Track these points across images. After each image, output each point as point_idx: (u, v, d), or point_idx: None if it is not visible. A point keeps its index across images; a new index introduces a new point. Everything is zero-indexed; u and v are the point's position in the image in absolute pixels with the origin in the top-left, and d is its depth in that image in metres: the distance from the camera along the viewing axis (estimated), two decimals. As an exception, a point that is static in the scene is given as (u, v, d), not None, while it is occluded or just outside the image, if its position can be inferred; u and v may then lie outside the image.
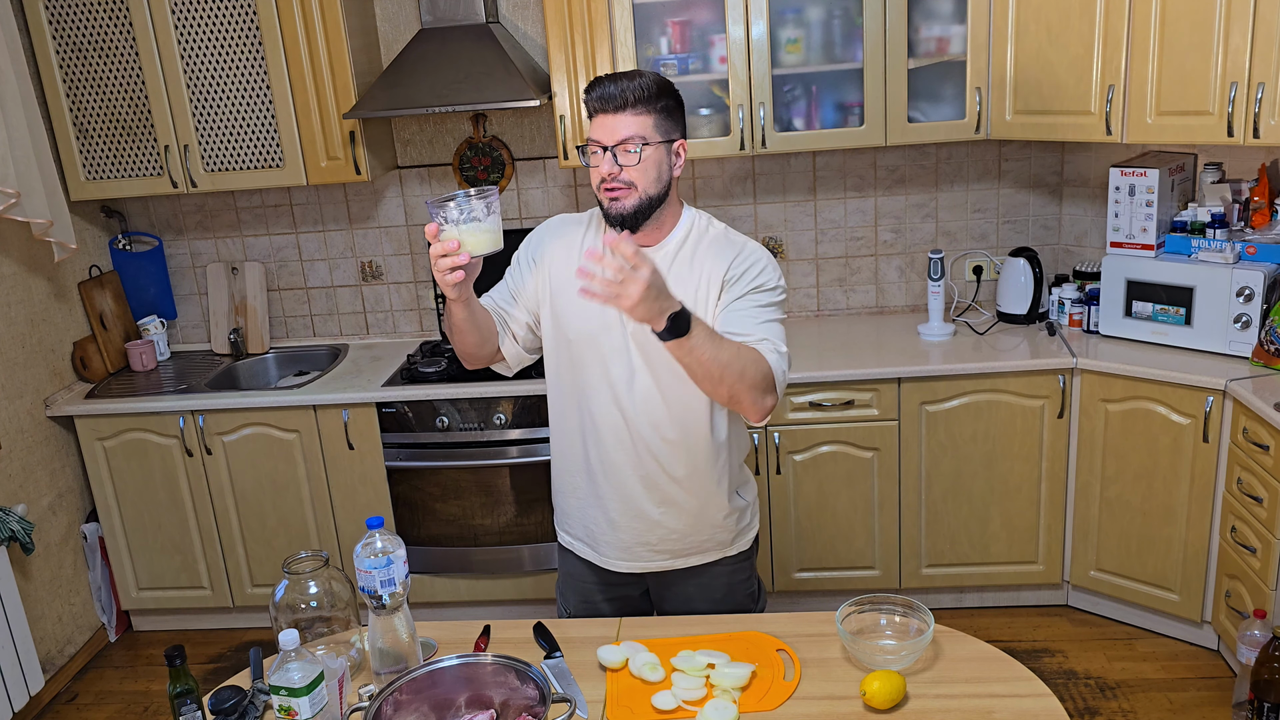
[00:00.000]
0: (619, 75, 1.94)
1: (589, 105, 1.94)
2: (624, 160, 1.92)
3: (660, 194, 1.97)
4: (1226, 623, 3.05)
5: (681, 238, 2.04)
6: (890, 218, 3.79)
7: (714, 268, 2.00)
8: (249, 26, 3.43)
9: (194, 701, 1.79)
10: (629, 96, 1.91)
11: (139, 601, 3.78)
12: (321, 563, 1.92)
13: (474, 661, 1.79)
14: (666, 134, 1.95)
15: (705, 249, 2.02)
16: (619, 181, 1.93)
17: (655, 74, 1.97)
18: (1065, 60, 3.15)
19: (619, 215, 1.95)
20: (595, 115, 1.94)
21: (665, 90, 1.95)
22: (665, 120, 1.95)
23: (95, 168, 3.64)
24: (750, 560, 2.25)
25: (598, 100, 1.93)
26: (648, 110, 1.92)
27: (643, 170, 1.93)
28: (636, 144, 1.91)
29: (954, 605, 3.59)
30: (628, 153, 1.91)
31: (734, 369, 1.81)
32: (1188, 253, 3.21)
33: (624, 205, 1.94)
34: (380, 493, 3.56)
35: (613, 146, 1.92)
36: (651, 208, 1.97)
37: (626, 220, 1.95)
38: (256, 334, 3.98)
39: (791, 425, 3.36)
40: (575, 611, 2.28)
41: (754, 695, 1.80)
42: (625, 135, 1.91)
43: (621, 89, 1.91)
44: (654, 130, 1.93)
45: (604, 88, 1.92)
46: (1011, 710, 1.73)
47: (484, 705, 1.77)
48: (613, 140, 1.92)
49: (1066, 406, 3.27)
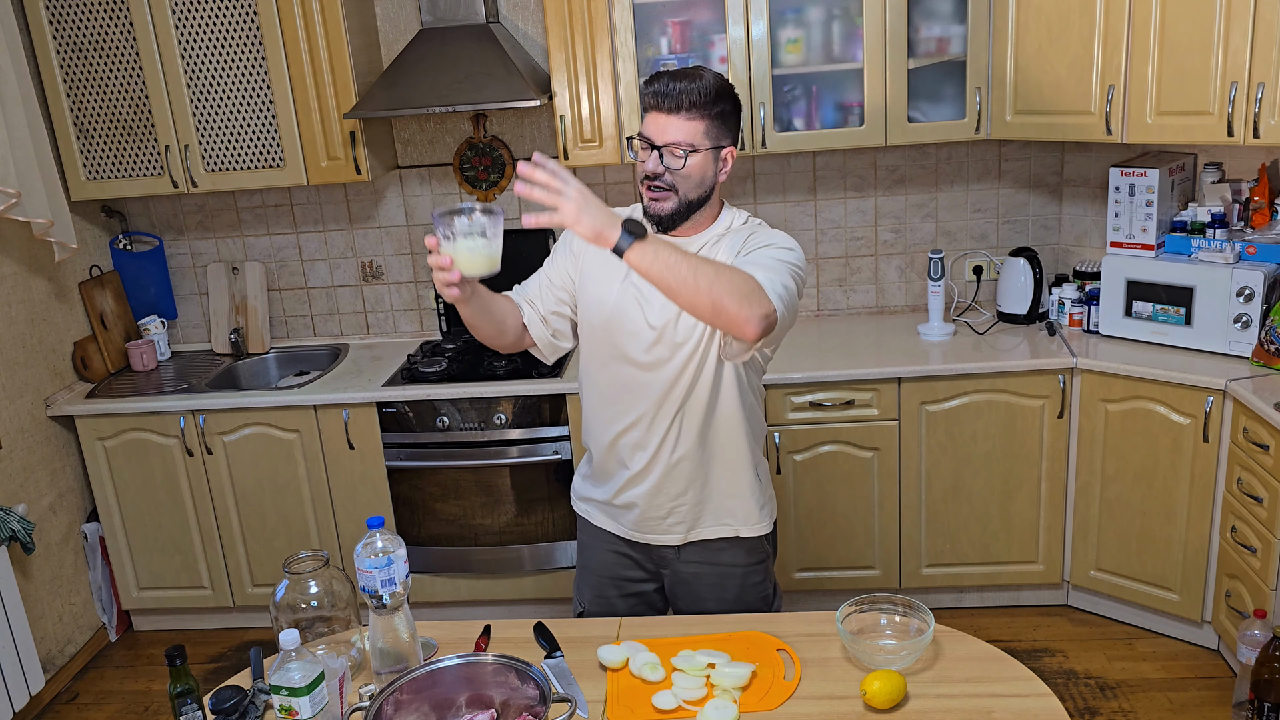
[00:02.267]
0: (681, 73, 1.92)
1: (644, 99, 1.94)
2: (670, 163, 1.91)
3: (701, 199, 1.97)
4: (1226, 622, 3.05)
5: (716, 235, 2.03)
6: (890, 218, 3.79)
7: (735, 247, 1.99)
8: (249, 26, 3.43)
9: (194, 701, 1.79)
10: (684, 99, 1.89)
11: (139, 601, 3.78)
12: (322, 562, 1.92)
13: (474, 661, 1.79)
14: (716, 141, 1.94)
15: (729, 239, 2.02)
16: (661, 183, 1.93)
17: (717, 76, 1.94)
18: (1065, 60, 3.15)
19: (656, 215, 1.96)
20: (649, 111, 1.93)
21: (723, 94, 1.94)
22: (718, 126, 1.94)
23: (96, 167, 3.64)
24: (766, 562, 2.24)
25: (654, 96, 1.91)
26: (702, 115, 1.91)
27: (686, 176, 1.92)
28: (684, 149, 1.90)
29: (954, 605, 3.59)
30: (675, 155, 1.91)
31: (706, 273, 1.72)
32: (1188, 253, 3.21)
33: (662, 207, 1.95)
34: (380, 492, 3.56)
35: (661, 147, 1.91)
36: (690, 211, 1.97)
37: (664, 221, 1.96)
38: (257, 334, 3.99)
39: (791, 425, 3.36)
40: (590, 608, 2.29)
41: (754, 695, 1.80)
42: (674, 139, 1.90)
43: (680, 89, 1.89)
44: (704, 137, 1.92)
45: (662, 84, 1.91)
46: (1011, 710, 1.73)
47: (484, 705, 1.77)
48: (662, 140, 1.91)
49: (1066, 406, 3.27)
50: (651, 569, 2.24)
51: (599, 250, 1.95)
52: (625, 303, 2.03)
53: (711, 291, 1.72)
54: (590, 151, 3.45)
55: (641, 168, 1.95)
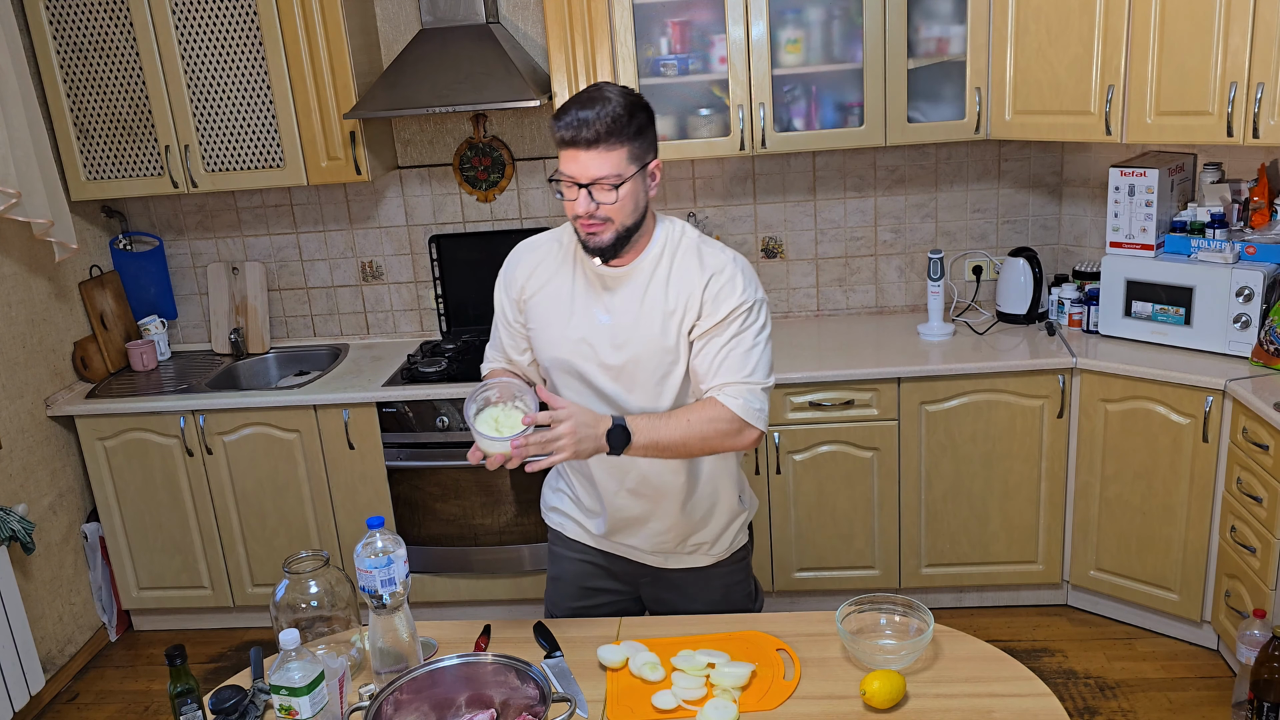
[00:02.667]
0: (586, 99, 1.82)
1: (557, 135, 1.83)
2: (601, 198, 1.83)
3: (638, 222, 1.91)
4: (1226, 622, 3.05)
5: (656, 255, 1.96)
6: (890, 218, 3.79)
7: (688, 290, 1.93)
8: (249, 26, 3.43)
9: (194, 701, 1.79)
10: (600, 128, 1.79)
11: (139, 601, 3.78)
12: (322, 562, 1.92)
13: (474, 661, 1.79)
14: (641, 160, 1.86)
15: (679, 268, 1.95)
16: (596, 218, 1.85)
17: (622, 92, 1.85)
18: (1065, 60, 3.15)
19: (597, 248, 1.89)
20: (566, 148, 1.83)
21: (635, 109, 1.84)
22: (639, 145, 1.85)
23: (96, 168, 3.64)
24: (745, 562, 2.24)
25: (567, 131, 1.81)
26: (621, 141, 1.82)
27: (620, 206, 1.85)
28: (612, 182, 1.82)
29: (954, 605, 3.59)
30: (604, 190, 1.83)
31: (695, 437, 1.86)
32: (1187, 253, 3.21)
33: (602, 239, 1.88)
34: (380, 492, 3.56)
35: (588, 185, 1.83)
36: (629, 235, 1.90)
37: (605, 252, 1.90)
38: (257, 334, 3.99)
39: (791, 425, 3.36)
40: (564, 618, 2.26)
41: (754, 695, 1.81)
42: (600, 174, 1.82)
43: (592, 119, 1.79)
44: (629, 162, 1.84)
45: (572, 116, 1.80)
46: (1011, 710, 1.74)
47: (484, 705, 1.77)
48: (587, 178, 1.82)
49: (1066, 406, 3.28)
50: (628, 579, 2.22)
51: (545, 296, 2.01)
52: (576, 358, 2.00)
53: (704, 446, 1.89)
54: (590, 151, 3.44)
55: (571, 208, 1.86)
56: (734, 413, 1.89)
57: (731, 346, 1.92)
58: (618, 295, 1.96)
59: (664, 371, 1.97)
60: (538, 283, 2.03)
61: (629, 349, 1.95)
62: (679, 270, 1.95)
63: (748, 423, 1.90)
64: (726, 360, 1.92)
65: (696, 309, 1.93)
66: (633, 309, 1.95)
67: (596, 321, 1.97)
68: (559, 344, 2.01)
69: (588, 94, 1.84)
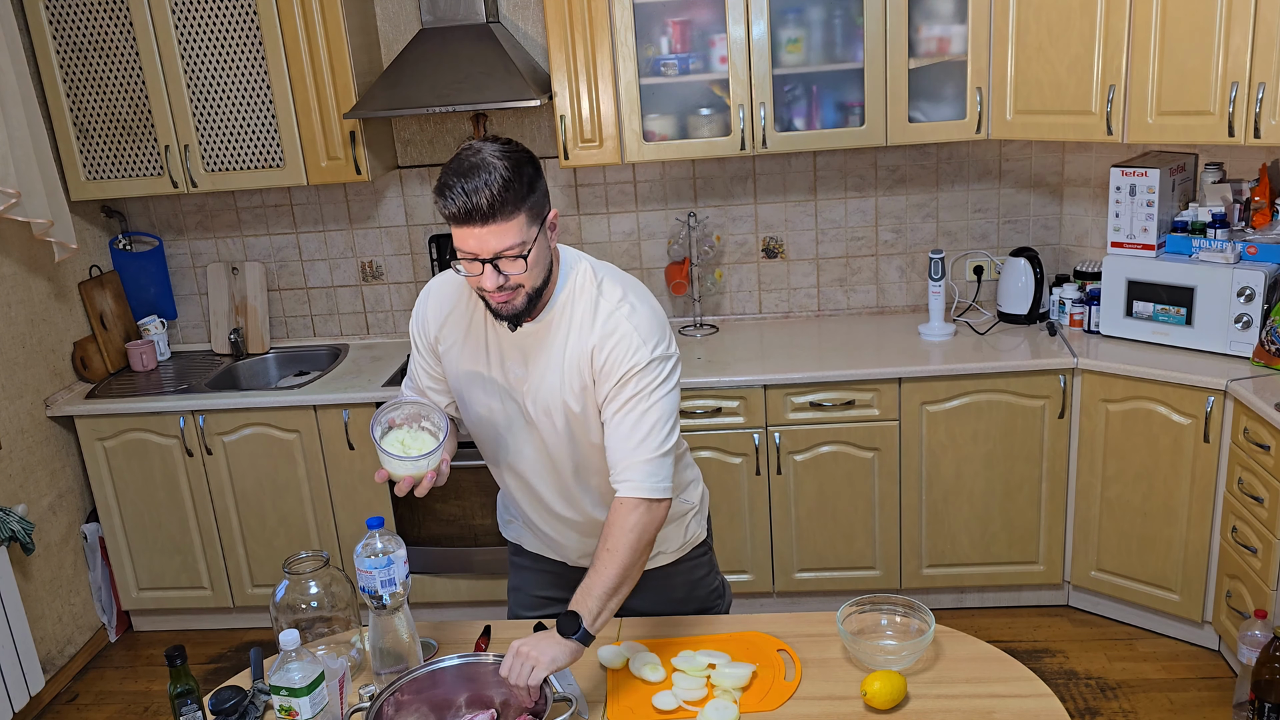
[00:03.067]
0: (468, 169, 1.68)
1: (446, 214, 1.70)
2: (508, 269, 1.71)
3: (548, 277, 1.81)
4: (1227, 623, 3.05)
5: (563, 303, 1.85)
6: (891, 218, 3.79)
7: (581, 349, 1.84)
8: (249, 26, 3.43)
9: (194, 701, 1.79)
10: (490, 203, 1.66)
11: (139, 601, 3.78)
12: (322, 563, 1.92)
13: (475, 661, 1.79)
14: (540, 216, 1.75)
15: (577, 324, 1.84)
16: (505, 288, 1.74)
17: (503, 151, 1.71)
18: (1066, 60, 3.15)
19: (512, 315, 1.78)
20: (459, 225, 1.69)
21: (520, 165, 1.70)
22: (534, 203, 1.72)
23: (95, 168, 3.64)
24: (705, 556, 2.19)
25: (459, 214, 1.67)
26: (517, 207, 1.69)
27: (530, 273, 1.74)
28: (516, 251, 1.70)
29: (954, 605, 3.59)
30: (510, 260, 1.71)
31: (627, 558, 1.78)
32: (1188, 253, 3.21)
33: (515, 305, 1.77)
34: (380, 492, 3.56)
35: (491, 260, 1.71)
36: (541, 294, 1.80)
37: (519, 316, 1.79)
38: (257, 334, 3.98)
39: (792, 425, 3.36)
40: None
41: (755, 695, 1.80)
42: (503, 247, 1.69)
43: (481, 196, 1.65)
44: (528, 226, 1.71)
45: (458, 197, 1.66)
46: (1012, 710, 1.73)
47: (484, 705, 1.77)
48: (489, 253, 1.70)
49: (1067, 406, 3.27)
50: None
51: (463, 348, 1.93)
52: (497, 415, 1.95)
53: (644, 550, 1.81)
54: (590, 151, 3.45)
55: (476, 281, 1.74)
56: (637, 501, 1.80)
57: (625, 411, 1.82)
58: (529, 348, 1.87)
59: (575, 424, 1.90)
60: (451, 334, 1.95)
61: (542, 402, 1.89)
62: (577, 327, 1.85)
63: (656, 506, 1.81)
64: (618, 430, 1.82)
65: (590, 374, 1.84)
66: (543, 360, 1.87)
67: (512, 375, 1.90)
68: (478, 399, 1.95)
69: (467, 163, 1.70)
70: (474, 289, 1.79)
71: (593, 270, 1.89)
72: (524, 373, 1.89)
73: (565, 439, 1.93)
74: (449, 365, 1.98)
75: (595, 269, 1.89)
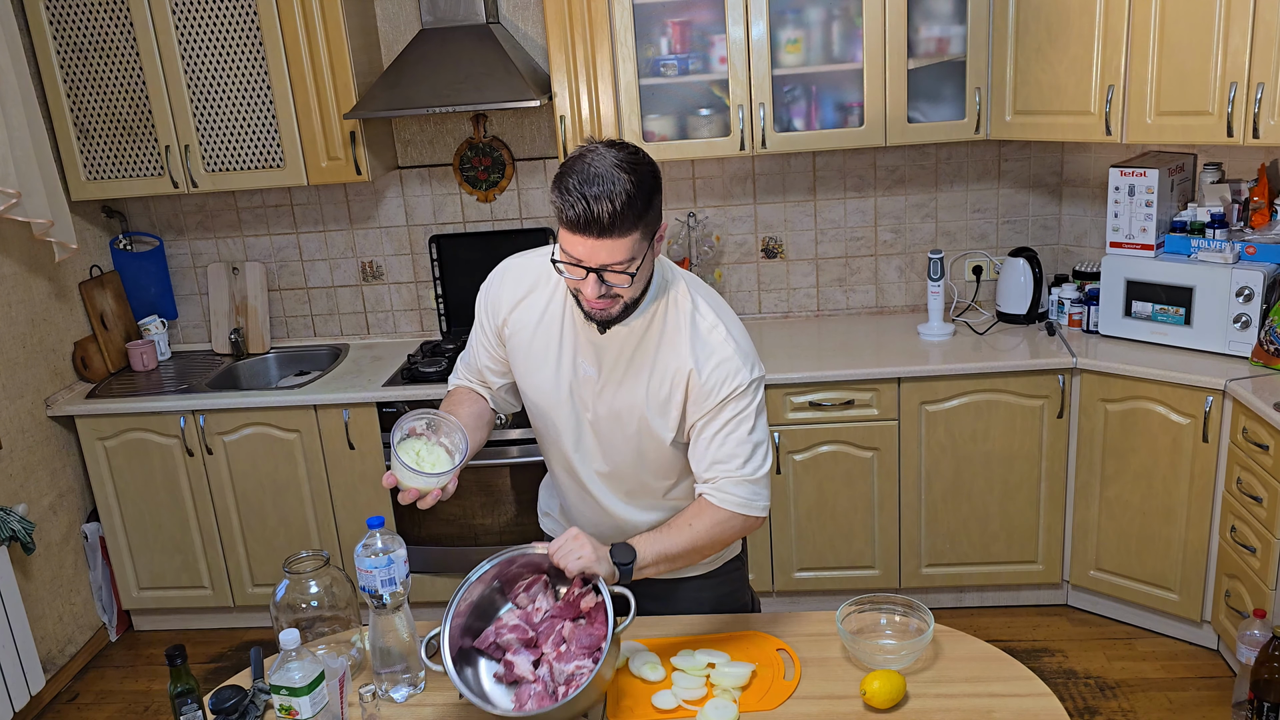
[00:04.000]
0: (592, 179, 1.62)
1: (563, 217, 1.65)
2: (613, 281, 1.69)
3: (646, 289, 1.79)
4: (1226, 622, 3.05)
5: (650, 313, 1.82)
6: (890, 218, 3.79)
7: (675, 368, 1.82)
8: (249, 26, 3.44)
9: (195, 701, 1.79)
10: (611, 217, 1.61)
11: (140, 601, 3.78)
12: (322, 562, 1.92)
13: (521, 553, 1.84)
14: (653, 232, 1.71)
15: (669, 339, 1.82)
16: (606, 297, 1.71)
17: (630, 164, 1.65)
18: (1065, 60, 3.15)
19: (604, 321, 1.77)
20: (573, 231, 1.65)
21: (643, 180, 1.65)
22: (650, 220, 1.69)
23: (96, 168, 3.64)
24: (738, 572, 2.19)
25: (578, 221, 1.63)
26: (633, 226, 1.64)
27: (632, 287, 1.72)
28: (626, 268, 1.67)
29: (954, 605, 3.59)
30: (616, 274, 1.68)
31: (703, 540, 1.81)
32: (1187, 253, 3.21)
33: (610, 313, 1.75)
34: (380, 492, 3.56)
35: (598, 270, 1.68)
36: (636, 304, 1.78)
37: (610, 323, 1.78)
38: (257, 334, 3.99)
39: (791, 425, 3.36)
40: None
41: (754, 695, 1.81)
42: (612, 260, 1.66)
43: (603, 208, 1.61)
44: (641, 242, 1.68)
45: (578, 204, 1.61)
46: (1011, 710, 1.74)
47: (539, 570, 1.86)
48: (596, 263, 1.66)
49: (1066, 406, 3.28)
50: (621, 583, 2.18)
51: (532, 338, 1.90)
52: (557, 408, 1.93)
53: (713, 548, 1.85)
54: (590, 151, 3.44)
55: (575, 285, 1.72)
56: (733, 511, 1.82)
57: (727, 432, 1.82)
58: (606, 350, 1.85)
59: (646, 434, 1.89)
60: (523, 320, 1.91)
61: (612, 406, 1.87)
62: (669, 341, 1.82)
63: (749, 516, 1.84)
64: (721, 449, 1.82)
65: (683, 392, 1.82)
66: (621, 366, 1.85)
67: (582, 373, 1.88)
68: (541, 390, 1.93)
69: (592, 169, 1.63)
70: (570, 290, 1.78)
71: (688, 286, 1.86)
72: (595, 374, 1.86)
73: (630, 447, 1.91)
74: (514, 350, 1.94)
75: (689, 285, 1.87)
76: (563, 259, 1.70)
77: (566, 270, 1.71)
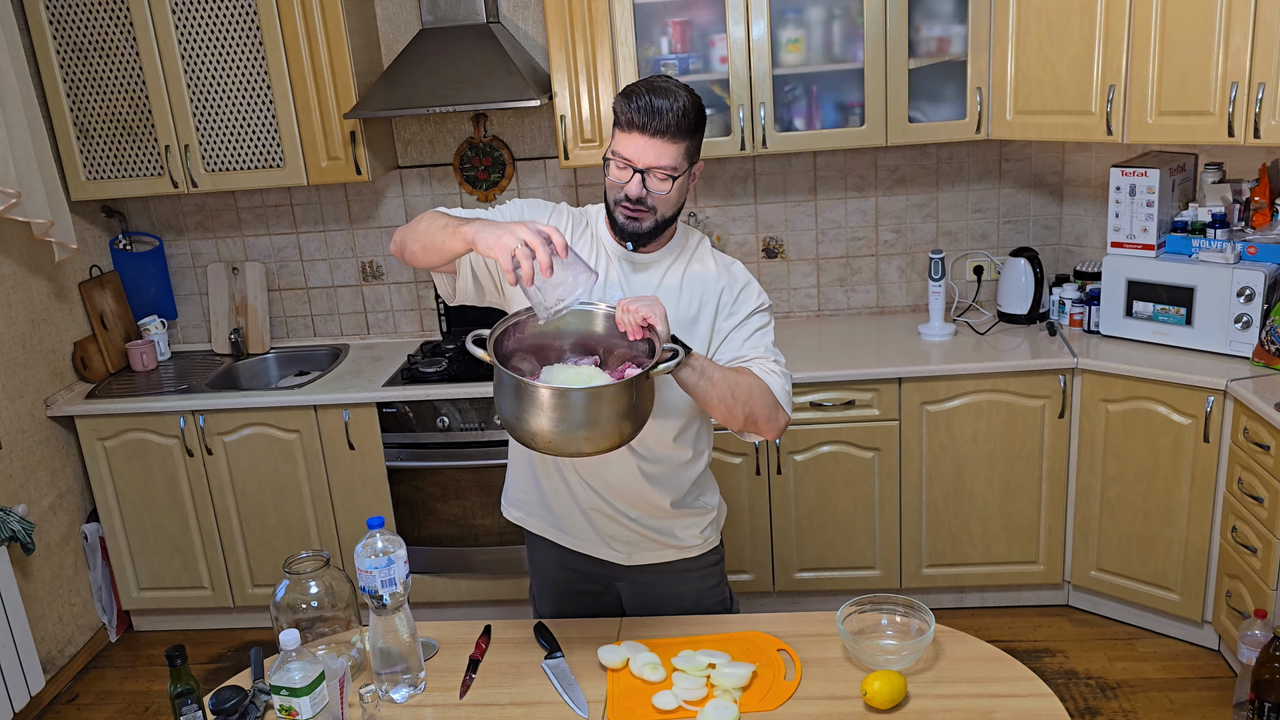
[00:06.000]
0: (660, 89, 1.82)
1: (624, 116, 1.83)
2: (654, 186, 1.85)
3: (675, 216, 1.95)
4: (1227, 623, 3.05)
5: (676, 250, 2.00)
6: (891, 218, 3.79)
7: (705, 288, 1.98)
8: (249, 26, 3.43)
9: (195, 701, 1.79)
10: (670, 121, 1.81)
11: (139, 601, 3.78)
12: (322, 563, 1.92)
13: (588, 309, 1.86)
14: (693, 158, 1.90)
15: (695, 268, 2.00)
16: (642, 204, 1.87)
17: (690, 93, 1.86)
18: (1066, 60, 3.15)
19: (634, 233, 1.90)
20: (630, 130, 1.83)
21: (700, 112, 1.88)
22: (695, 144, 1.88)
23: (96, 167, 3.64)
24: (717, 566, 2.20)
25: (640, 115, 1.81)
26: (684, 137, 1.84)
27: (668, 198, 1.88)
28: (668, 173, 1.85)
29: (955, 605, 3.59)
30: (659, 180, 1.85)
31: (742, 391, 1.84)
32: (1188, 253, 3.21)
33: (641, 225, 1.89)
34: (381, 493, 3.56)
35: (644, 170, 1.84)
36: (664, 227, 1.93)
37: (640, 238, 1.91)
38: (257, 334, 3.99)
39: (792, 425, 3.35)
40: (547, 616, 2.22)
41: (755, 695, 1.80)
42: (659, 163, 1.83)
43: (665, 109, 1.80)
44: (685, 159, 1.87)
45: (644, 102, 1.80)
46: (1012, 710, 1.73)
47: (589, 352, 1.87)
48: (644, 164, 1.83)
49: (1067, 406, 3.27)
50: (603, 580, 2.18)
51: None
52: None
53: (747, 406, 1.85)
54: (590, 151, 3.45)
55: (617, 186, 1.87)
56: (773, 391, 1.90)
57: (759, 336, 1.98)
58: (634, 280, 1.98)
59: None
60: None
61: None
62: (695, 269, 1.99)
63: (782, 405, 1.91)
64: (755, 348, 1.96)
65: (714, 306, 1.97)
66: (648, 287, 1.98)
67: (612, 299, 1.94)
68: None
69: (659, 84, 1.84)
70: (612, 199, 1.90)
71: (694, 230, 2.07)
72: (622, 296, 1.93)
73: None
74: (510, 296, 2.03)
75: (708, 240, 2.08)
76: (613, 159, 1.86)
77: (615, 173, 1.86)
